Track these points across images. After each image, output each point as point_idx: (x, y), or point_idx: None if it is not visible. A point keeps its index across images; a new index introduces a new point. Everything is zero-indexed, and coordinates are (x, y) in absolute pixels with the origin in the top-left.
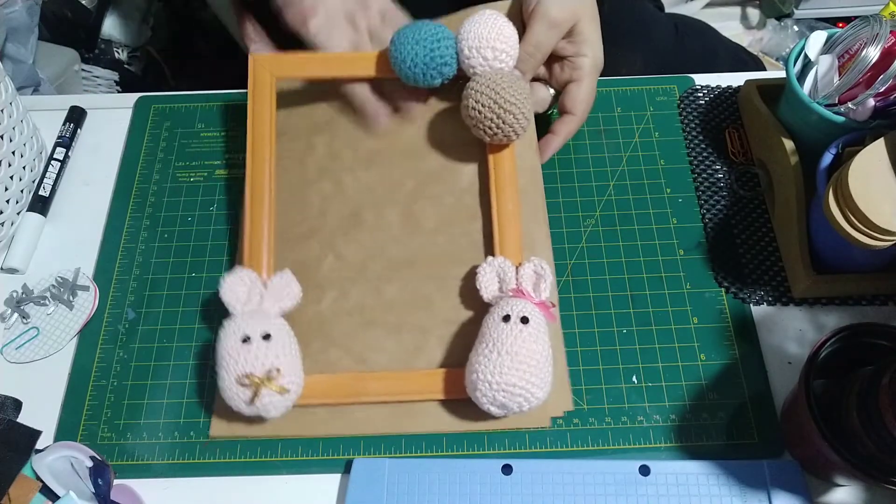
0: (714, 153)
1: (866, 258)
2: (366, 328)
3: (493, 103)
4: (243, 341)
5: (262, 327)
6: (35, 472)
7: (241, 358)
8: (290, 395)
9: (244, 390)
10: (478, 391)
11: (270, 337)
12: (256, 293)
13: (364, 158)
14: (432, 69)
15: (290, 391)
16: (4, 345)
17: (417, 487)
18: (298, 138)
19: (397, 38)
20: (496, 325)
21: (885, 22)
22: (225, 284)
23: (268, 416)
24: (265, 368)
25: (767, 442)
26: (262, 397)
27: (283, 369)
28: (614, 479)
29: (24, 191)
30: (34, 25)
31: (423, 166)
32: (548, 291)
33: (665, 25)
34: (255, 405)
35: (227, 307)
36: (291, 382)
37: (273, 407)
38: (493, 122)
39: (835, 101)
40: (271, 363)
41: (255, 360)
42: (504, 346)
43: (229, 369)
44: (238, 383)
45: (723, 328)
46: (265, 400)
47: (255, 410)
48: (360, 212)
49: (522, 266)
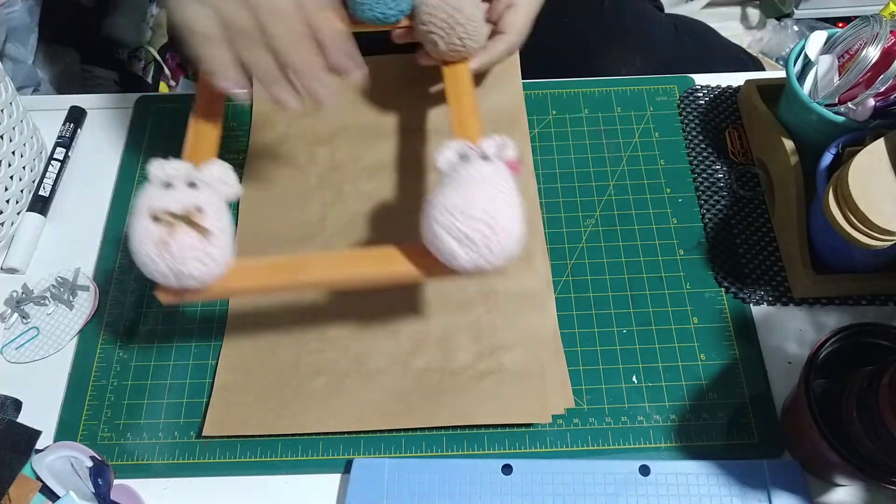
0: (714, 153)
1: (866, 258)
2: (363, 330)
3: (444, 4)
4: (165, 186)
5: (189, 179)
6: (35, 472)
7: (157, 198)
8: (212, 248)
9: (157, 229)
10: (433, 221)
11: (196, 186)
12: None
13: (366, 170)
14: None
15: (212, 237)
16: (4, 345)
17: (417, 487)
18: (300, 147)
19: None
20: (452, 165)
21: (885, 22)
22: (153, 163)
23: (185, 269)
24: (184, 205)
25: (767, 442)
26: (176, 236)
27: (208, 212)
28: (614, 479)
29: (24, 191)
30: (34, 25)
31: (424, 181)
32: (513, 154)
33: (665, 25)
34: (168, 248)
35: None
36: (216, 230)
37: (191, 255)
38: (445, 24)
39: (835, 101)
40: (193, 204)
41: (175, 202)
42: (462, 178)
43: (142, 209)
44: (151, 219)
45: (723, 328)
46: (182, 241)
47: (169, 261)
48: (359, 219)
49: (483, 141)
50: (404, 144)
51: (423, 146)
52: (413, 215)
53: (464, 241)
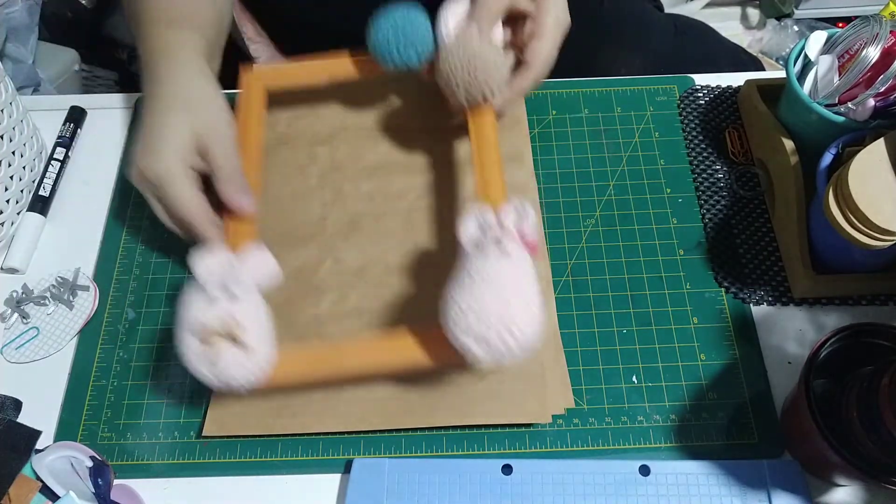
0: (714, 153)
1: (866, 258)
2: (364, 331)
3: (464, 57)
4: (207, 300)
5: (230, 290)
6: (35, 472)
7: (200, 313)
8: (255, 359)
9: (203, 347)
10: (450, 321)
11: (237, 298)
12: (230, 267)
13: (366, 170)
14: (408, 46)
15: (254, 351)
16: (4, 345)
17: (417, 487)
18: (301, 147)
19: (374, 21)
20: (472, 254)
21: (885, 22)
22: (197, 260)
23: (231, 380)
24: (225, 323)
25: (767, 442)
26: (221, 354)
27: (248, 328)
28: (614, 479)
29: (24, 191)
30: (34, 25)
31: (424, 181)
32: (532, 231)
33: (664, 25)
34: (214, 363)
35: (198, 280)
36: (257, 344)
37: (236, 369)
38: (465, 78)
39: (835, 101)
40: (234, 319)
41: (218, 320)
42: (479, 272)
43: (189, 325)
44: (195, 338)
45: (723, 328)
46: (226, 358)
47: (216, 372)
48: (359, 219)
49: (503, 208)
50: (404, 144)
51: (423, 146)
52: (413, 215)
53: (481, 342)
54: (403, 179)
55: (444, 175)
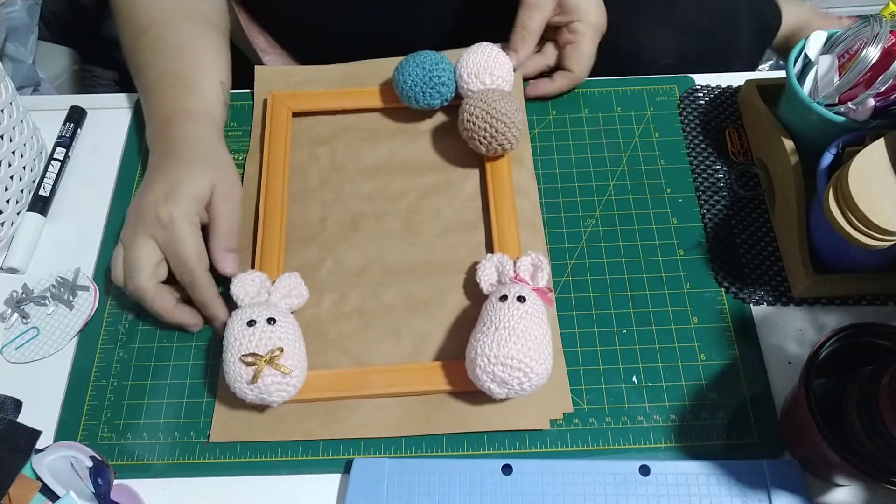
0: (714, 153)
1: (866, 258)
2: (364, 331)
3: (485, 114)
4: (248, 324)
5: (267, 314)
6: (35, 472)
7: (244, 339)
8: (292, 380)
9: (247, 370)
10: (477, 367)
11: (275, 321)
12: (265, 290)
13: (366, 170)
14: (431, 88)
15: (292, 373)
16: (4, 345)
17: (417, 487)
18: (302, 148)
19: (401, 64)
20: (494, 305)
21: (885, 22)
22: (235, 281)
23: (270, 399)
24: (268, 348)
25: (767, 442)
26: (263, 377)
27: (287, 351)
28: (614, 479)
29: (24, 191)
30: (34, 25)
31: (424, 181)
32: (545, 280)
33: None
34: (257, 385)
35: (236, 301)
36: (294, 366)
37: (275, 388)
38: (487, 132)
39: (835, 101)
40: (274, 344)
41: (259, 342)
42: (501, 322)
43: (233, 349)
44: (241, 362)
45: (723, 328)
46: (267, 380)
47: (258, 393)
48: (360, 220)
49: (520, 259)
50: (404, 145)
51: (423, 146)
52: (414, 215)
53: (501, 383)
54: (403, 180)
55: (444, 175)
